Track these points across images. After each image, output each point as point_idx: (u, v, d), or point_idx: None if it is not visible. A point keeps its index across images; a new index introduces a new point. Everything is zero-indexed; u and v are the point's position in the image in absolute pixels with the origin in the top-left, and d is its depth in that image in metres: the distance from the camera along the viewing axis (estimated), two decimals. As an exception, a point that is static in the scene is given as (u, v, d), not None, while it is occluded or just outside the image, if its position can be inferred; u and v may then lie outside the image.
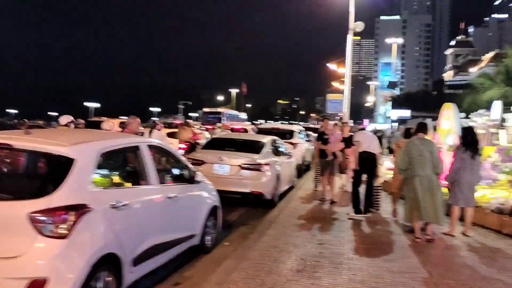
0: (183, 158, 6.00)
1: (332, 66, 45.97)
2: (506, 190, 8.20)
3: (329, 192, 9.87)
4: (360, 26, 19.51)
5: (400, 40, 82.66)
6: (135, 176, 4.60)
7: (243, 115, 51.16)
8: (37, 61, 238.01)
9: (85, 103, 71.55)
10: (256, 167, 9.01)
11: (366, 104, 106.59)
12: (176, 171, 5.52)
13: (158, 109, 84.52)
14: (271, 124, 24.02)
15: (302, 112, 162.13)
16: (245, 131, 21.17)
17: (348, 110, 23.84)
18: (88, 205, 3.61)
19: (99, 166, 4.02)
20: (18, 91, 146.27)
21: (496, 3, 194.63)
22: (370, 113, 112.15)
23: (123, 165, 4.80)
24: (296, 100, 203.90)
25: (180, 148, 12.19)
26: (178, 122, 29.36)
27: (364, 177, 8.50)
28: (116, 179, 4.40)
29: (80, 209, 3.53)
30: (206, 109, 47.64)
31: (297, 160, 13.73)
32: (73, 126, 8.61)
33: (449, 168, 7.28)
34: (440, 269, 5.43)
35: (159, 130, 10.15)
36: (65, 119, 8.34)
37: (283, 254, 5.77)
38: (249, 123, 45.56)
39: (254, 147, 9.74)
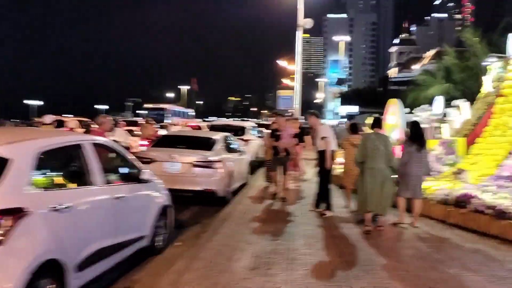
0: (132, 157, 5.75)
1: (282, 63, 46.39)
2: (450, 182, 8.53)
3: (281, 189, 9.56)
4: (309, 23, 19.73)
5: (347, 38, 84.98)
6: (79, 177, 4.33)
7: (190, 111, 47.37)
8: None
9: (26, 101, 67.98)
10: (208, 165, 8.85)
11: (316, 101, 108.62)
12: (123, 170, 5.27)
13: (106, 107, 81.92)
14: (223, 121, 23.79)
15: (253, 109, 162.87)
16: (199, 128, 20.97)
17: (299, 106, 24.18)
18: (26, 208, 3.34)
19: (39, 166, 3.73)
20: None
21: (436, 2, 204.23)
22: (320, 110, 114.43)
23: (65, 165, 4.50)
24: (247, 97, 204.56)
25: (142, 145, 11.92)
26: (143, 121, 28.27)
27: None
28: (58, 180, 4.11)
29: (16, 213, 3.27)
30: (148, 105, 43.50)
31: (250, 156, 13.67)
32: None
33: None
34: (392, 260, 5.54)
35: (120, 128, 9.84)
36: (48, 118, 8.24)
37: (237, 252, 5.67)
38: (199, 119, 44.73)
39: (206, 144, 9.57)
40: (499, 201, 6.84)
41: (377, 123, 7.43)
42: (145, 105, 44.61)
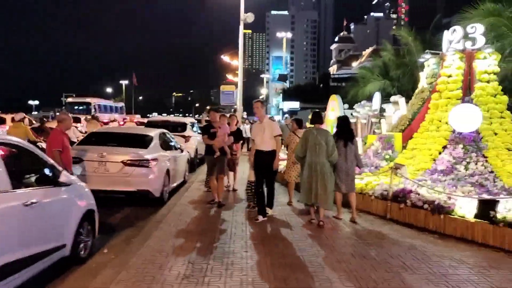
0: (48, 158, 5.13)
1: (225, 58, 45.89)
2: (388, 177, 8.55)
3: (217, 193, 8.55)
4: (250, 17, 19.46)
5: (289, 35, 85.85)
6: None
7: (120, 105, 41.51)
8: None
9: None
10: (142, 163, 8.30)
11: (260, 97, 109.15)
12: (38, 173, 4.66)
13: (36, 102, 77.49)
14: (161, 117, 22.94)
15: (197, 105, 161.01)
16: (139, 124, 20.09)
17: (241, 101, 23.87)
18: None
19: None
20: None
21: (374, 2, 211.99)
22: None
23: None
24: (191, 93, 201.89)
25: None
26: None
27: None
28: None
29: None
30: (70, 99, 37.96)
31: (190, 153, 13.19)
32: (27, 121, 8.05)
33: None
34: (334, 260, 5.34)
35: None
36: (18, 116, 7.71)
37: (170, 259, 5.24)
38: (138, 115, 42.41)
39: (140, 142, 8.99)
40: (435, 196, 6.89)
41: (318, 118, 7.41)
42: (69, 99, 38.59)
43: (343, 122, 7.86)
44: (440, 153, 9.67)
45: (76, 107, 33.44)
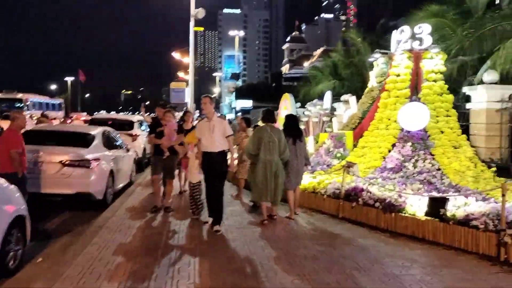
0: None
1: (176, 55, 44.99)
2: (340, 175, 8.49)
3: (165, 197, 7.96)
4: (201, 12, 19.05)
5: (242, 33, 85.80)
6: None
7: (58, 102, 35.42)
8: None
9: None
10: (83, 164, 7.74)
11: (213, 95, 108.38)
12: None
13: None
14: (107, 114, 21.96)
15: (148, 103, 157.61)
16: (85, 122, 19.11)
17: (193, 99, 23.34)
18: None
19: None
20: None
21: (324, 4, 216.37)
22: (216, 104, 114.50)
23: None
24: (141, 91, 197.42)
25: None
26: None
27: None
28: None
29: None
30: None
31: (137, 153, 12.63)
32: None
33: None
34: (285, 263, 5.12)
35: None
36: None
37: (110, 268, 4.82)
38: (85, 114, 40.08)
39: (81, 140, 8.40)
40: (387, 194, 6.86)
41: (270, 116, 7.28)
42: None
43: (290, 120, 7.88)
44: (389, 151, 9.76)
45: (4, 105, 28.14)
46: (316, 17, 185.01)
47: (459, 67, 12.45)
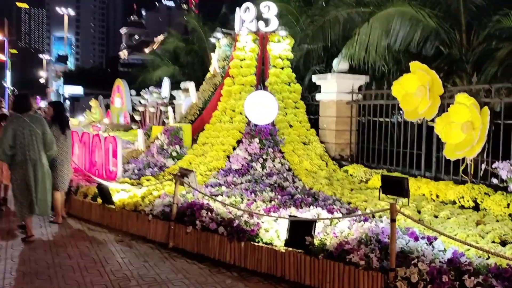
0: None
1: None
2: (172, 185, 6.48)
3: None
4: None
5: (72, 12, 77.38)
6: None
7: None
8: None
9: None
10: None
11: (40, 80, 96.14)
12: None
13: None
14: None
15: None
16: None
17: (8, 83, 18.84)
18: None
19: None
20: None
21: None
22: (43, 90, 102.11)
23: None
24: None
25: None
26: None
27: None
28: None
29: None
30: None
31: None
32: None
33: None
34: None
35: None
36: None
37: None
38: None
39: None
40: (234, 211, 5.08)
41: (26, 102, 5.65)
42: None
43: (58, 107, 6.83)
44: (234, 148, 8.16)
45: None
46: (158, 4, 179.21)
47: (305, 55, 11.53)
